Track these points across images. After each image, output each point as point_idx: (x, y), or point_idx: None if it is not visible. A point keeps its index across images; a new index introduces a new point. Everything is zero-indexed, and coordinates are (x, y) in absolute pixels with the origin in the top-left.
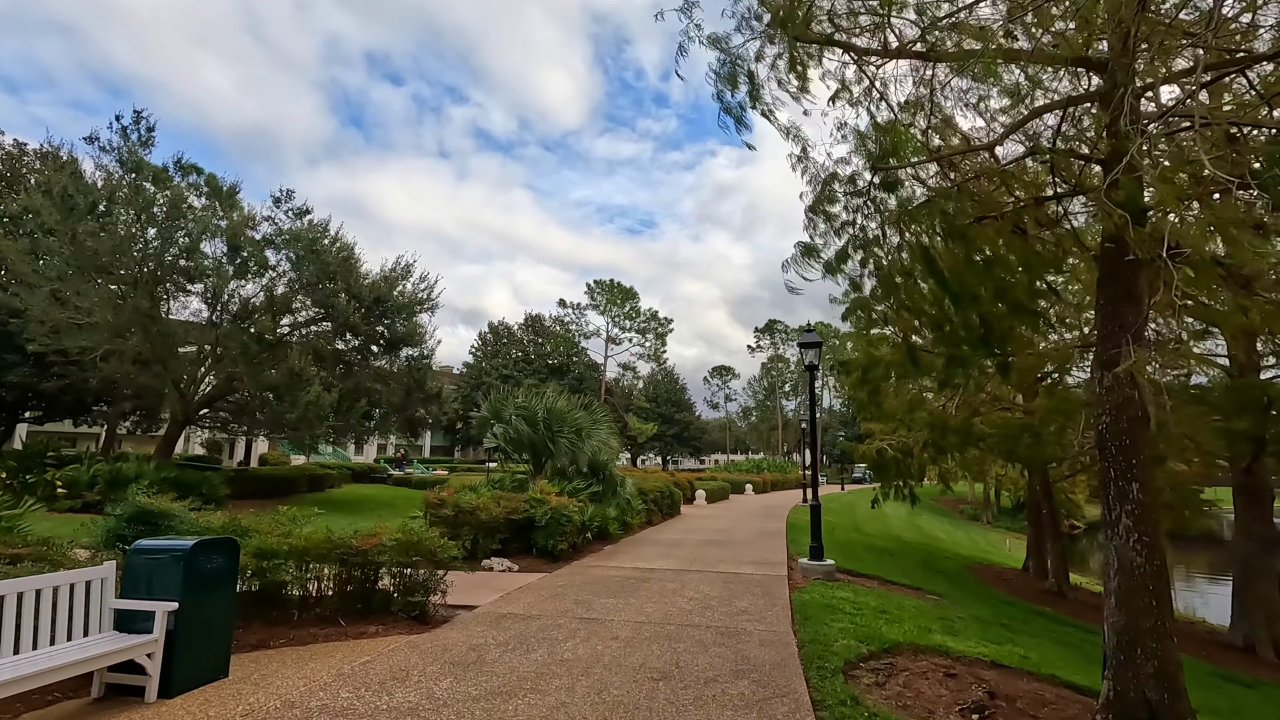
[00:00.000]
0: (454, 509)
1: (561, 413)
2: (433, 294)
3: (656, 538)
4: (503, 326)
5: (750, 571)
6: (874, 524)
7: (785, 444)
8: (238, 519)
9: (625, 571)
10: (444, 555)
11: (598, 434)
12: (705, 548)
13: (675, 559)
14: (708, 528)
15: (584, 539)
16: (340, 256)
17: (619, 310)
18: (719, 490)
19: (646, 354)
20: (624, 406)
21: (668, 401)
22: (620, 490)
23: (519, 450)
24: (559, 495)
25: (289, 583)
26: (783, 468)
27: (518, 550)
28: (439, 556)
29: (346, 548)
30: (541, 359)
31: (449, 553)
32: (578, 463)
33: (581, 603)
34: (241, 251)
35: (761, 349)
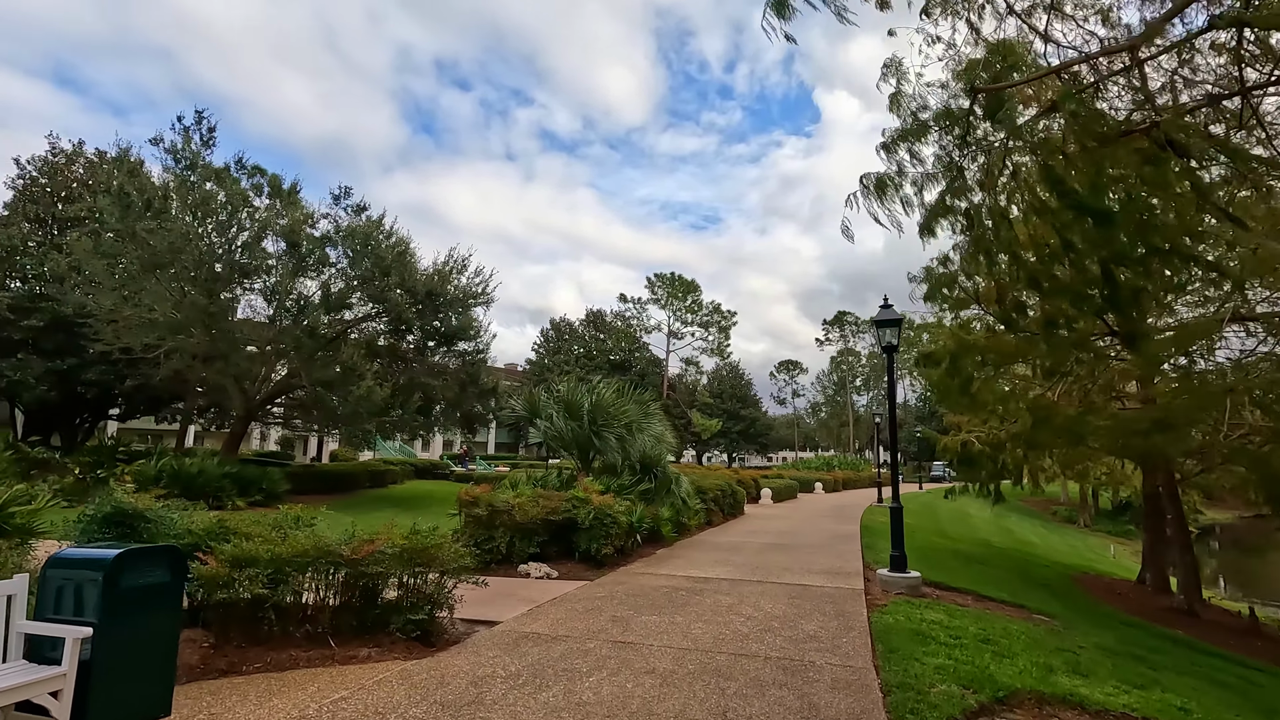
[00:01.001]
0: (487, 508)
1: (609, 405)
2: (488, 288)
3: (715, 540)
4: (564, 323)
5: (820, 584)
6: (958, 527)
7: (857, 441)
8: (225, 520)
9: (675, 581)
10: (455, 565)
11: (650, 428)
12: (768, 553)
13: (733, 566)
14: (772, 530)
15: (633, 542)
16: (395, 251)
17: (680, 304)
18: (786, 488)
19: (709, 348)
20: (687, 402)
21: (732, 397)
22: (674, 489)
23: (565, 446)
24: (604, 494)
25: (269, 596)
26: (855, 465)
27: (558, 554)
28: (449, 566)
29: (334, 556)
30: (603, 355)
31: (461, 561)
32: (629, 459)
33: (619, 620)
34: (300, 248)
35: (830, 342)
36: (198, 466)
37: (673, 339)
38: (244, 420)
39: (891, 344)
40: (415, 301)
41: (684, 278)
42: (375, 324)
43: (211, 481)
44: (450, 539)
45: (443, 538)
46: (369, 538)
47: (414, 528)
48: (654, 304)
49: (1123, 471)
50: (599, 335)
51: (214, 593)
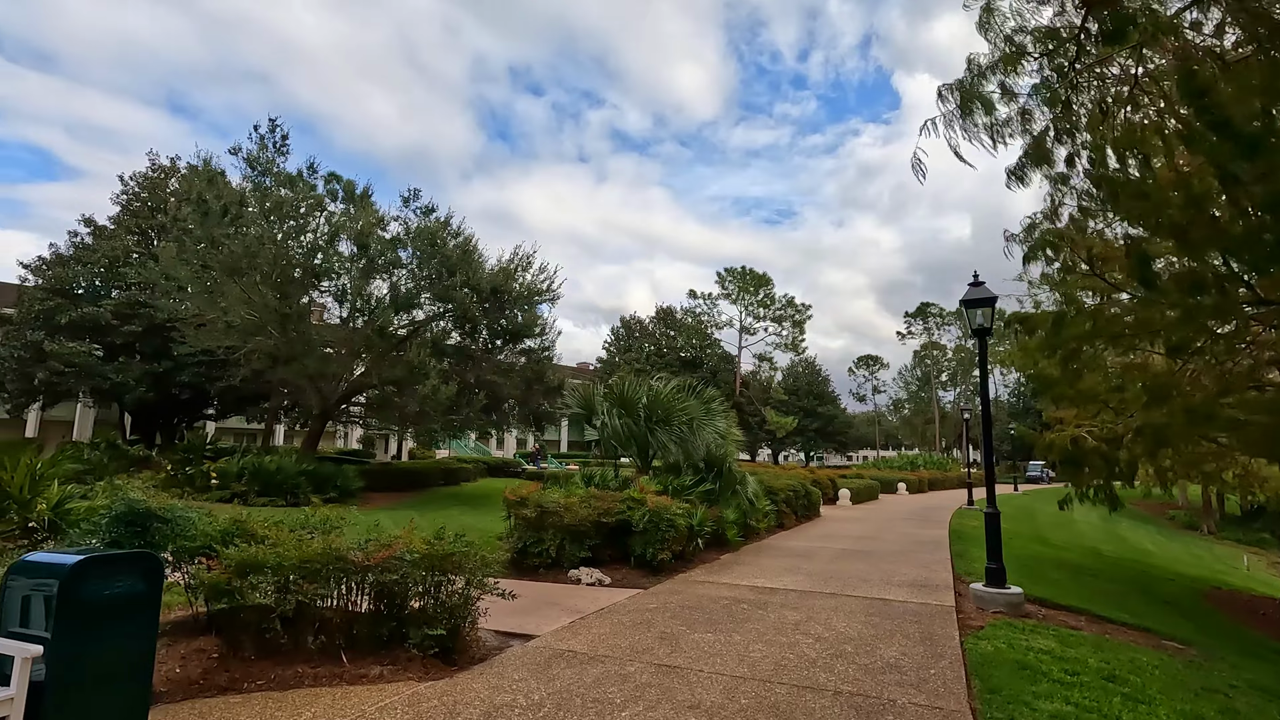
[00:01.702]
0: (535, 509)
1: (667, 400)
2: (553, 284)
3: (785, 545)
4: (634, 321)
5: (903, 598)
6: (1061, 533)
7: (943, 439)
8: (244, 521)
9: (737, 591)
10: (481, 574)
11: (713, 424)
12: (844, 560)
13: (804, 575)
14: (850, 534)
15: (694, 547)
16: (461, 250)
17: (752, 298)
18: (866, 489)
19: (783, 343)
20: (761, 400)
21: (809, 394)
22: (740, 489)
23: (622, 444)
24: (661, 494)
25: (276, 605)
26: (941, 465)
27: (612, 559)
28: (475, 575)
29: (345, 563)
30: (673, 352)
31: (487, 570)
32: (691, 457)
33: (668, 638)
34: (369, 250)
35: (913, 335)
36: (276, 464)
37: (745, 335)
38: (321, 419)
39: (983, 326)
40: (481, 299)
41: (755, 271)
42: (442, 323)
43: (288, 479)
44: (476, 545)
45: (468, 544)
46: (385, 543)
47: (439, 532)
48: (725, 299)
49: (1260, 471)
50: (669, 332)
51: (218, 600)
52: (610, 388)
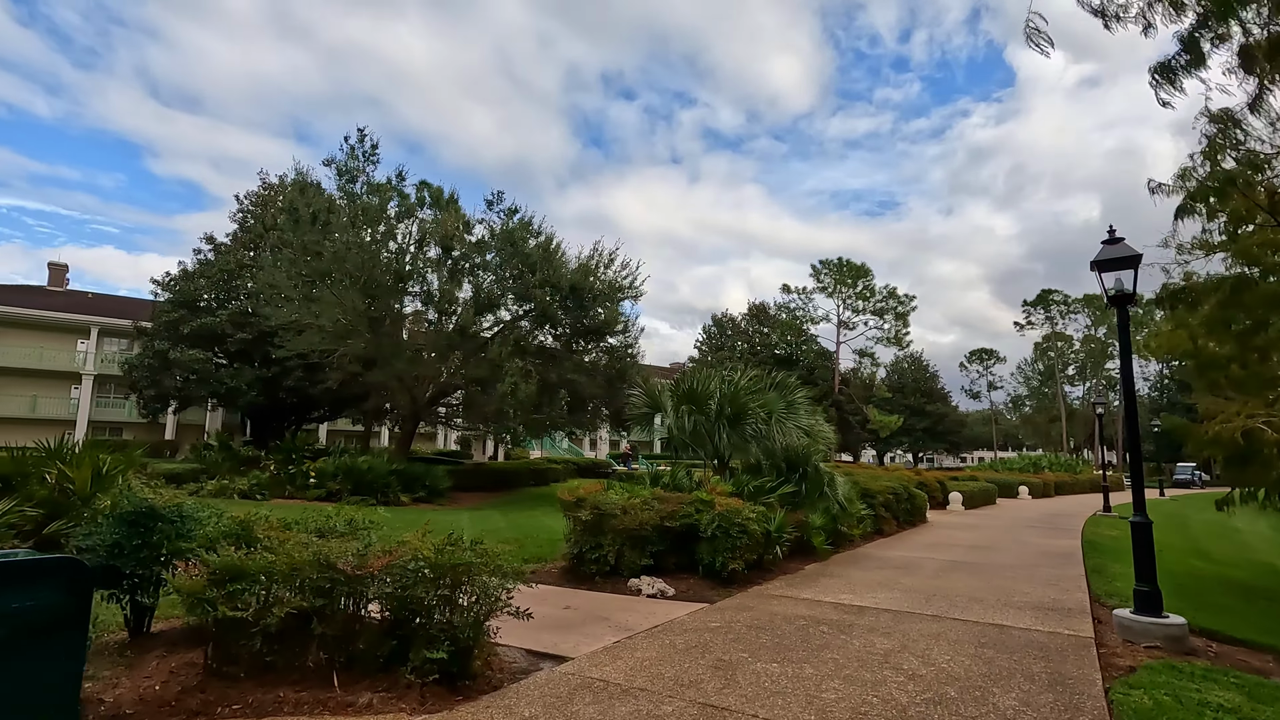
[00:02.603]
0: (592, 511)
1: (741, 393)
2: (636, 281)
3: (882, 555)
4: (726, 319)
5: (1025, 625)
6: (1222, 545)
7: (1071, 439)
8: (249, 522)
9: (818, 609)
10: (499, 586)
11: (795, 419)
12: (952, 574)
13: (900, 592)
14: (960, 543)
15: (772, 555)
16: (541, 249)
17: (850, 290)
18: (981, 492)
19: (885, 337)
20: (862, 397)
21: (915, 391)
22: (829, 491)
23: (696, 443)
24: (733, 496)
25: (257, 619)
26: (1070, 466)
27: (678, 567)
28: (489, 588)
29: (334, 572)
30: (767, 349)
31: (502, 582)
32: (773, 456)
33: (723, 668)
34: (453, 252)
35: (1033, 325)
36: (367, 464)
37: (843, 329)
38: (413, 420)
39: (1123, 292)
40: (561, 298)
41: (852, 262)
42: (525, 323)
43: (379, 479)
44: (494, 553)
45: (483, 551)
46: (386, 549)
47: (451, 535)
48: (820, 293)
49: None
50: (762, 329)
51: (192, 611)
52: (677, 382)
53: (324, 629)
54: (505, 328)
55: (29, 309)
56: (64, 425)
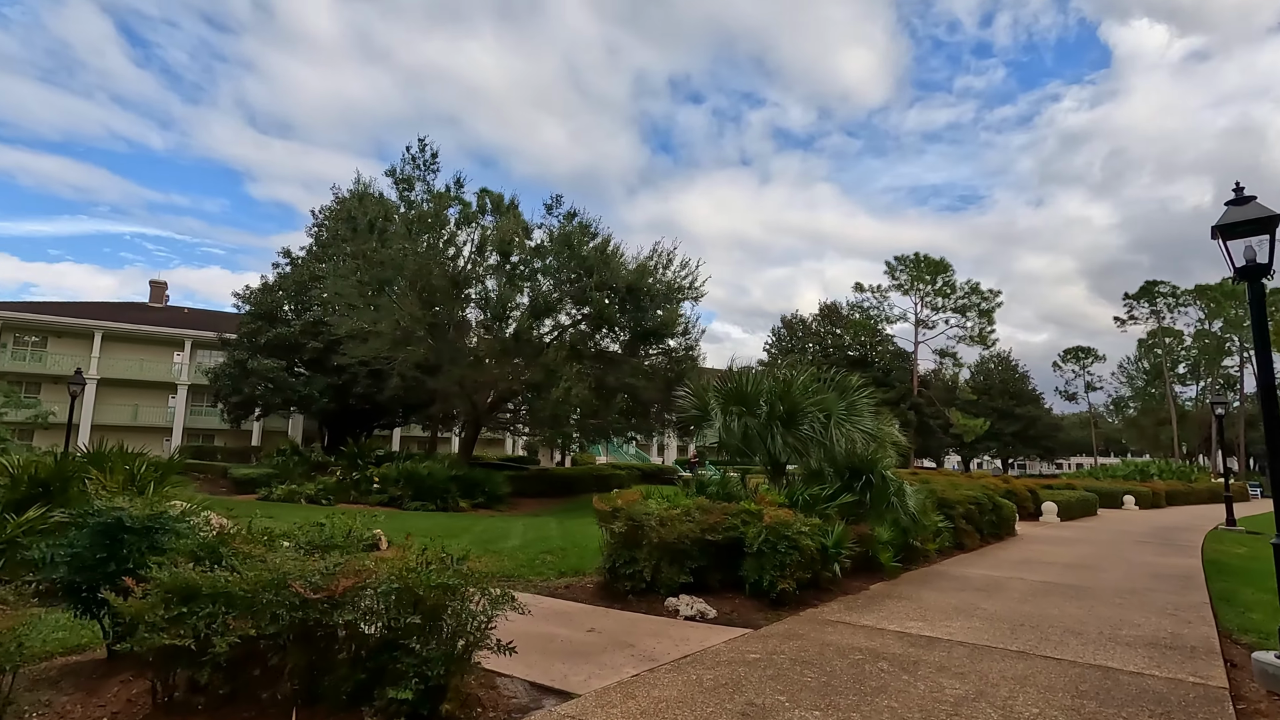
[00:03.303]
0: (626, 522)
1: (793, 392)
2: (695, 281)
3: (961, 573)
4: (796, 320)
5: (1136, 668)
6: None
7: (1183, 444)
8: (226, 533)
9: (880, 639)
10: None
11: (857, 421)
12: (1044, 599)
13: (981, 620)
14: (1055, 560)
15: (830, 572)
16: (598, 251)
17: (928, 287)
18: (1079, 502)
19: (968, 336)
20: (944, 400)
21: (1003, 393)
22: (897, 501)
23: (749, 446)
24: (787, 506)
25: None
26: (1183, 474)
27: (723, 585)
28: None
29: (290, 594)
30: (840, 351)
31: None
32: (836, 462)
33: (752, 715)
34: (511, 258)
35: (1136, 320)
36: (427, 470)
37: (922, 328)
38: (474, 426)
39: (1258, 263)
40: (619, 299)
41: (930, 257)
42: (583, 326)
43: (438, 484)
44: (481, 572)
45: (465, 572)
46: (355, 568)
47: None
48: (896, 290)
49: None
50: (834, 330)
51: (134, 635)
52: (723, 380)
53: (280, 659)
54: (562, 332)
55: (131, 324)
56: (162, 432)
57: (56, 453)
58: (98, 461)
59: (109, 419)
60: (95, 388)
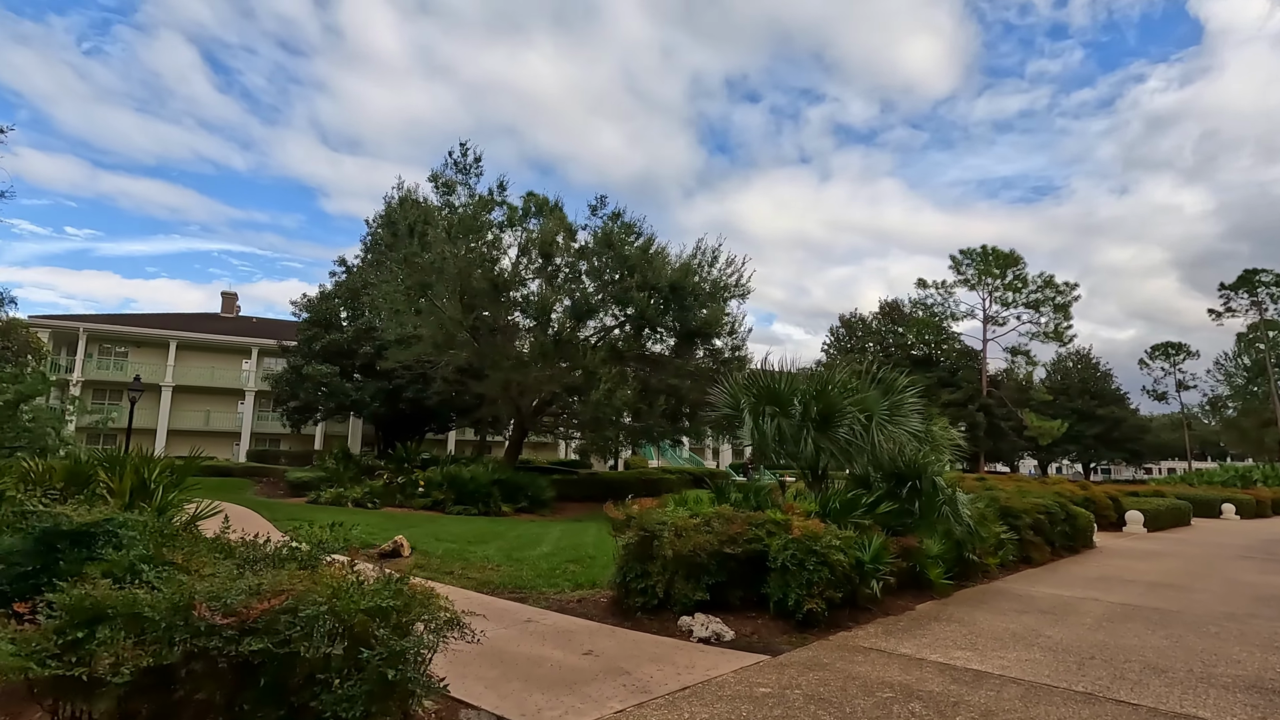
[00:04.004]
0: (638, 532)
1: (829, 390)
2: (741, 278)
3: (1025, 591)
4: (856, 319)
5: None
6: None
7: None
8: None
9: (918, 674)
10: (409, 647)
11: (903, 421)
12: (1122, 626)
13: (1043, 650)
14: (1138, 577)
15: (869, 590)
16: (640, 251)
17: (997, 281)
18: (1168, 511)
19: (1043, 332)
20: (1016, 401)
21: (1083, 392)
22: (949, 510)
23: (789, 453)
24: (815, 517)
25: (108, 676)
26: None
27: (745, 603)
28: (387, 643)
29: (187, 616)
30: (902, 350)
31: (409, 646)
32: (881, 466)
33: None
34: (554, 259)
35: (1234, 313)
36: (470, 474)
37: (991, 325)
38: (520, 429)
39: None
40: (661, 298)
41: (999, 250)
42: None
43: (481, 488)
44: (421, 593)
45: (405, 593)
46: (276, 589)
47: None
48: (962, 285)
49: None
50: (896, 329)
51: (28, 663)
52: (753, 377)
53: (192, 692)
54: (606, 334)
55: (203, 333)
56: (232, 437)
57: (77, 455)
58: (114, 464)
59: (183, 424)
60: (170, 394)
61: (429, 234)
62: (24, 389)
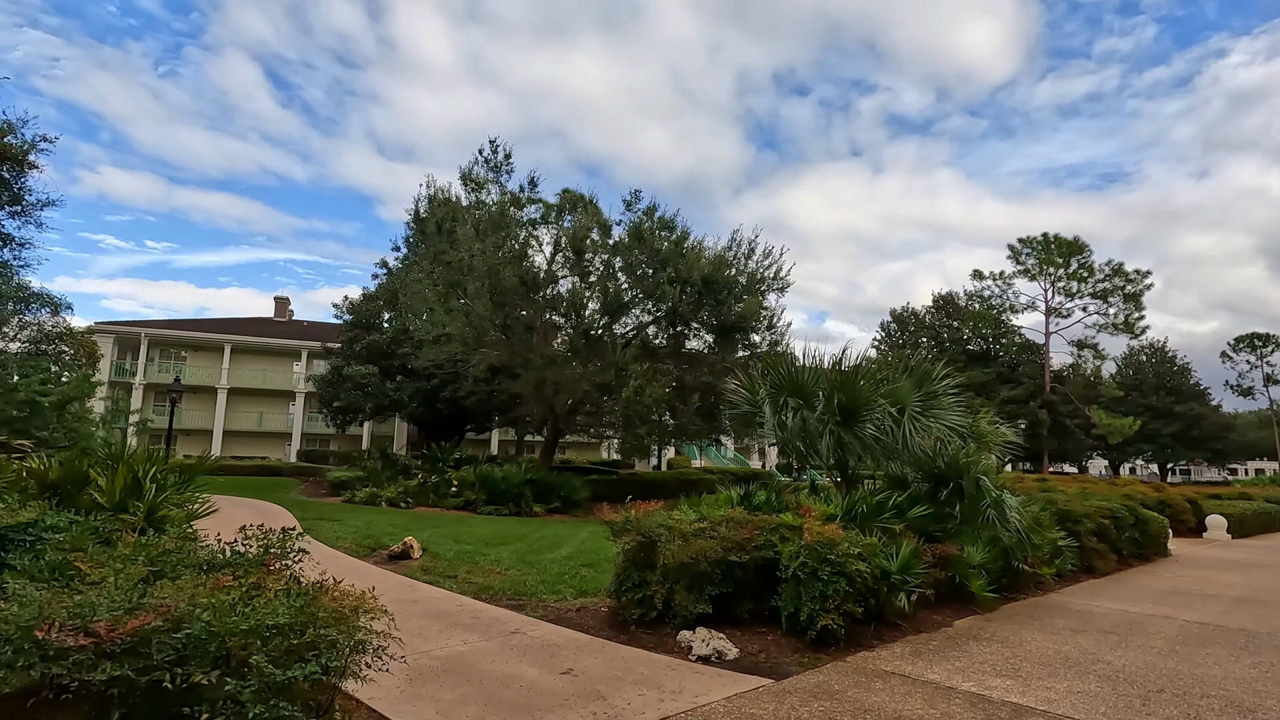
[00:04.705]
0: (636, 538)
1: (854, 380)
2: (780, 271)
3: (1084, 606)
4: (908, 314)
5: None
6: None
7: None
8: (78, 541)
9: (944, 707)
10: (292, 676)
11: (939, 415)
12: (1197, 651)
13: (1099, 680)
14: (1219, 592)
15: (897, 604)
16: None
17: (1060, 270)
18: (1257, 516)
19: (1111, 324)
20: (1083, 397)
21: (1158, 388)
22: (994, 514)
23: (808, 446)
24: (832, 520)
25: None
26: None
27: (755, 616)
28: (261, 670)
29: (32, 639)
30: (957, 344)
31: (296, 674)
32: (921, 465)
33: None
34: (586, 256)
35: None
36: (501, 474)
37: (1054, 318)
38: (554, 429)
39: None
40: (693, 292)
41: (1062, 237)
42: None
43: (513, 488)
44: (327, 612)
45: (305, 610)
46: (155, 605)
47: (265, 582)
48: (1022, 276)
49: None
50: (950, 323)
51: None
52: (771, 366)
53: None
54: (640, 330)
55: (256, 337)
56: (284, 438)
57: (78, 455)
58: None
59: (237, 425)
60: (225, 396)
61: (457, 231)
62: (69, 391)
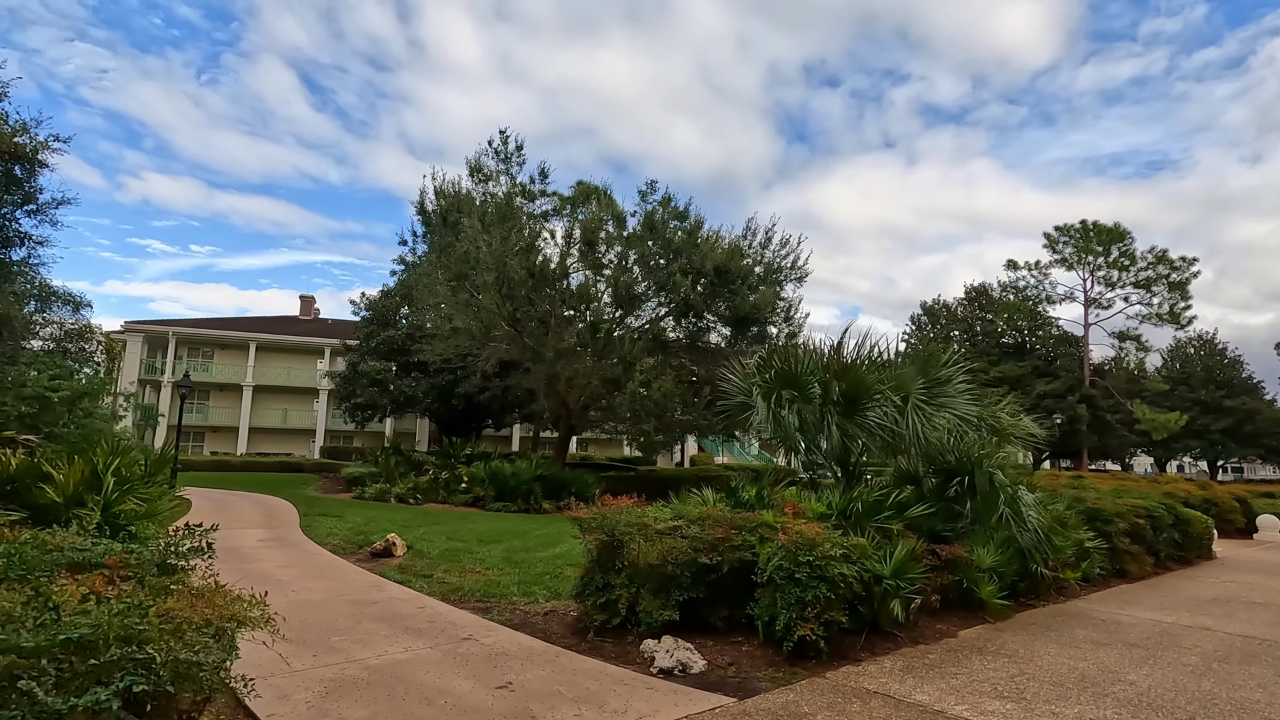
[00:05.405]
0: (601, 536)
1: (854, 368)
2: (798, 260)
3: (1111, 615)
4: (939, 306)
5: None
6: None
7: None
8: None
9: None
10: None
11: (948, 404)
12: (1239, 670)
13: (1117, 705)
14: (1268, 600)
15: (892, 612)
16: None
17: (1100, 259)
18: None
19: (1155, 314)
20: (1125, 391)
21: (1207, 382)
22: (1009, 512)
23: (808, 439)
24: (822, 518)
25: None
26: None
27: (730, 625)
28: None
29: None
30: (991, 337)
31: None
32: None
33: None
34: (598, 247)
35: None
36: (511, 470)
37: (1094, 309)
38: (566, 424)
39: None
40: (706, 282)
41: (1102, 224)
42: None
43: (522, 485)
44: (153, 625)
45: (135, 624)
46: None
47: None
48: (1060, 265)
49: None
50: (984, 315)
51: None
52: (767, 357)
53: None
54: (654, 323)
55: (281, 335)
56: (308, 434)
57: (37, 449)
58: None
59: (263, 422)
60: (251, 394)
61: (463, 222)
62: (80, 387)
